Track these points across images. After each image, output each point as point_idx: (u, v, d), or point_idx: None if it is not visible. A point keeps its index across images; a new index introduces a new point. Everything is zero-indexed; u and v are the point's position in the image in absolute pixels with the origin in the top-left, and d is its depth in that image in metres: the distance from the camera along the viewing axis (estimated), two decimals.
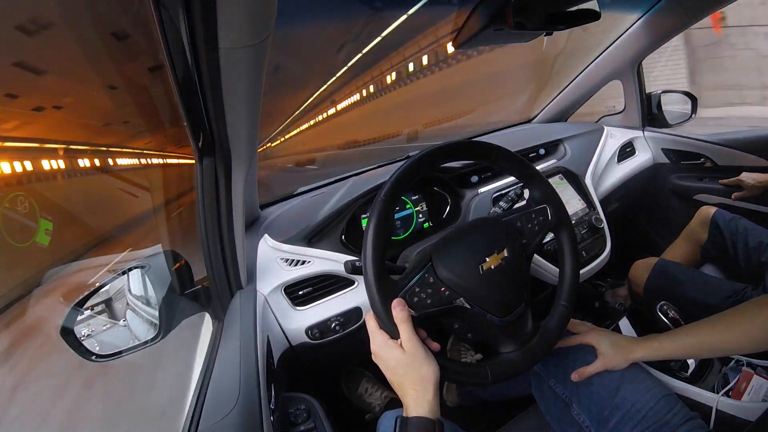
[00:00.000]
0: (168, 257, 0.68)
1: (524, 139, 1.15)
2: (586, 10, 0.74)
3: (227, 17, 0.35)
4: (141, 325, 0.65)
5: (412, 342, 0.49)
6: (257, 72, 0.44)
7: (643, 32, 1.12)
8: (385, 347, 0.50)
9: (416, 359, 0.48)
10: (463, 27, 0.80)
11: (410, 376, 0.47)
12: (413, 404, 0.46)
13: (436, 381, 0.48)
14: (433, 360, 0.50)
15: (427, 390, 0.47)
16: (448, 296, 0.55)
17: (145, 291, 0.66)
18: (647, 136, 1.33)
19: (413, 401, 0.46)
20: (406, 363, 0.48)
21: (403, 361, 0.48)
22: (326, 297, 0.81)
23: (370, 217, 0.54)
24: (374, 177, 0.90)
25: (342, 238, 0.83)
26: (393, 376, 0.49)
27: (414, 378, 0.47)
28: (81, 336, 0.56)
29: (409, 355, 0.48)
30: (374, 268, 0.51)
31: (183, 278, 0.68)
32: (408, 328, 0.49)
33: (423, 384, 0.47)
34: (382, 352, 0.50)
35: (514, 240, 0.61)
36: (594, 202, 1.03)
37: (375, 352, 0.51)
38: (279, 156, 5.34)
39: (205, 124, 0.51)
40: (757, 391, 0.72)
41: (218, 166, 0.59)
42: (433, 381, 0.48)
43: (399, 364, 0.48)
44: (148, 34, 0.39)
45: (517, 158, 0.62)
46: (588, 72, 1.31)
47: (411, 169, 0.56)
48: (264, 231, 0.83)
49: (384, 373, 0.50)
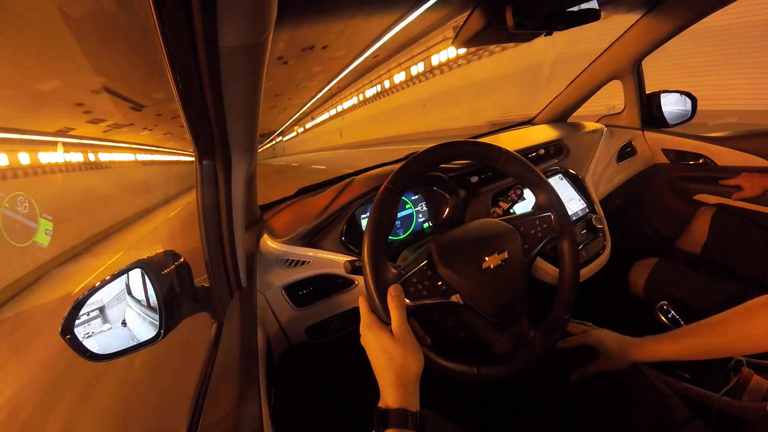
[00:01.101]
0: (168, 257, 0.68)
1: (524, 139, 1.15)
2: (586, 10, 0.74)
3: (227, 17, 0.35)
4: (141, 325, 0.65)
5: (401, 328, 0.48)
6: (257, 72, 0.44)
7: (643, 32, 1.12)
8: (374, 329, 0.50)
9: (403, 346, 0.48)
10: (463, 27, 0.80)
11: (394, 361, 0.47)
12: (392, 393, 0.45)
13: (418, 372, 0.48)
14: (419, 351, 0.49)
15: (408, 380, 0.47)
16: (445, 291, 0.55)
17: (145, 291, 0.65)
18: (647, 136, 1.33)
19: (393, 389, 0.45)
20: (392, 348, 0.47)
21: (390, 345, 0.48)
22: (326, 297, 0.80)
23: (375, 203, 0.54)
24: (374, 177, 0.90)
25: (342, 238, 0.83)
26: (376, 360, 0.48)
27: (397, 364, 0.47)
28: (81, 336, 0.56)
29: (396, 341, 0.48)
30: (373, 252, 0.52)
31: (183, 278, 0.68)
32: (400, 314, 0.49)
33: (405, 372, 0.47)
34: (370, 334, 0.50)
35: (516, 243, 0.61)
36: (594, 202, 1.03)
37: (363, 334, 0.51)
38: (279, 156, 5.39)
39: (205, 124, 0.51)
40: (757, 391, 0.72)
41: (218, 166, 0.59)
42: (415, 371, 0.48)
43: (386, 347, 0.48)
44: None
45: (525, 163, 0.62)
46: (588, 72, 1.31)
47: (419, 162, 0.57)
48: (264, 231, 0.83)
49: (368, 356, 0.50)
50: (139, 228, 9.46)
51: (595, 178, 1.12)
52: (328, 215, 0.82)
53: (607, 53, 1.24)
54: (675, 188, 1.33)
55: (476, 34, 0.78)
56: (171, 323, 0.63)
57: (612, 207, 1.24)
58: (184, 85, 0.45)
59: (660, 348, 0.63)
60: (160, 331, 0.61)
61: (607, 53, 1.23)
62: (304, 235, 0.80)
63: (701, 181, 1.25)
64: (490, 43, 0.87)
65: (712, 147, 1.20)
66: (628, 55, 1.20)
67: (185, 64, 0.41)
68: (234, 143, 0.57)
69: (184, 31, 0.37)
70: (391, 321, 0.49)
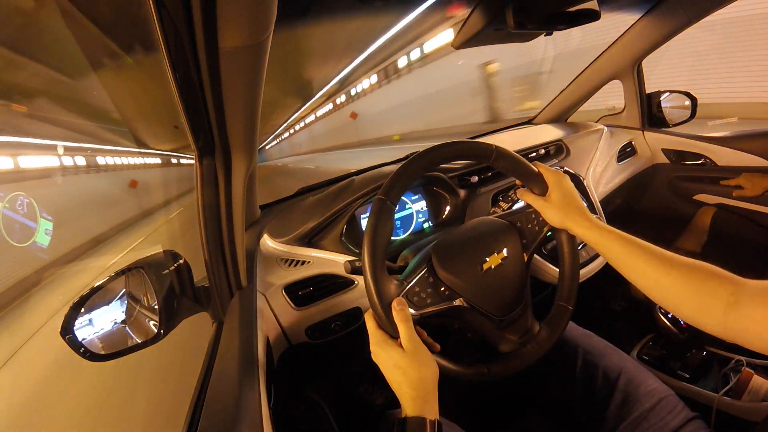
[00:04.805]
0: (168, 257, 0.68)
1: (524, 140, 1.15)
2: (586, 10, 0.74)
3: (227, 17, 0.35)
4: (141, 325, 0.65)
5: (411, 341, 0.48)
6: (257, 72, 0.44)
7: (643, 32, 1.12)
8: (384, 346, 0.49)
9: (415, 359, 0.47)
10: (463, 27, 0.80)
11: (409, 375, 0.47)
12: (411, 404, 0.45)
13: (435, 381, 0.48)
14: (432, 360, 0.49)
15: (426, 390, 0.47)
16: (448, 296, 0.55)
17: (145, 291, 0.65)
18: (647, 136, 1.33)
19: (411, 401, 0.45)
20: (405, 362, 0.47)
21: (402, 360, 0.47)
22: (326, 297, 0.80)
23: (369, 216, 0.53)
24: (374, 177, 0.90)
25: (342, 238, 0.83)
26: (392, 376, 0.48)
27: (413, 378, 0.47)
28: (81, 336, 0.56)
29: (408, 355, 0.48)
30: (374, 267, 0.51)
31: (183, 278, 0.68)
32: (407, 327, 0.49)
33: (422, 384, 0.46)
34: (381, 352, 0.49)
35: (514, 240, 0.61)
36: (594, 202, 1.03)
37: (374, 352, 0.51)
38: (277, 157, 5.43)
39: (205, 124, 0.51)
40: (757, 391, 0.72)
41: (218, 166, 0.59)
42: (432, 381, 0.48)
43: (398, 363, 0.48)
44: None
45: (516, 158, 0.62)
46: (588, 72, 1.31)
47: (411, 168, 0.56)
48: (264, 231, 0.83)
49: (383, 372, 0.50)
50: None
51: (595, 178, 1.12)
52: (329, 215, 0.82)
53: (607, 53, 1.24)
54: (675, 188, 1.33)
55: (476, 34, 0.78)
56: (171, 323, 0.63)
57: (612, 207, 1.24)
58: (184, 85, 0.45)
59: (596, 239, 0.55)
60: (160, 331, 0.61)
61: (607, 53, 1.23)
62: (304, 235, 0.80)
63: (701, 181, 1.25)
64: (490, 43, 0.87)
65: (712, 147, 1.20)
66: (628, 55, 1.20)
67: (185, 64, 0.41)
68: (234, 143, 0.57)
69: (184, 31, 0.37)
70: (400, 335, 0.49)
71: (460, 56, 8.41)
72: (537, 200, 0.61)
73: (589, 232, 0.56)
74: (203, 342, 0.69)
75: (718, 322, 0.43)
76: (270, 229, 0.83)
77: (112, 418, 1.96)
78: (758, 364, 0.77)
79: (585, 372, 0.67)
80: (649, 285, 0.50)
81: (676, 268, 0.48)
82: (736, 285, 0.43)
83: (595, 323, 0.78)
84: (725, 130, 1.22)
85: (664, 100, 1.28)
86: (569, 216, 0.58)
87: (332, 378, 1.17)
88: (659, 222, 1.42)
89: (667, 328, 0.93)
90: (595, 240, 0.56)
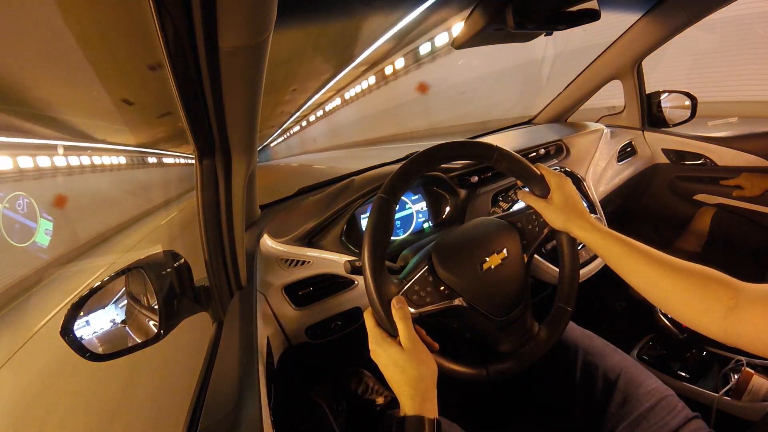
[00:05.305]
0: (168, 257, 0.68)
1: (524, 140, 1.15)
2: (586, 10, 0.74)
3: (227, 17, 0.35)
4: (141, 324, 0.65)
5: (410, 340, 0.48)
6: (257, 72, 0.44)
7: (643, 32, 1.12)
8: (383, 344, 0.49)
9: (414, 357, 0.47)
10: (463, 27, 0.80)
11: (408, 374, 0.47)
12: (410, 403, 0.45)
13: (433, 380, 0.48)
14: (431, 359, 0.49)
15: (425, 389, 0.46)
16: (448, 295, 0.55)
17: (145, 291, 0.65)
18: (647, 136, 1.33)
19: (410, 400, 0.45)
20: (404, 361, 0.47)
21: (401, 359, 0.47)
22: (326, 297, 0.80)
23: (370, 214, 0.53)
24: (374, 177, 0.90)
25: (342, 238, 0.83)
26: (391, 374, 0.48)
27: (412, 376, 0.47)
28: (81, 336, 0.56)
29: (407, 353, 0.48)
30: (373, 265, 0.51)
31: (183, 278, 0.68)
32: (407, 325, 0.49)
33: (421, 382, 0.46)
34: (380, 350, 0.49)
35: (515, 240, 0.61)
36: (594, 202, 1.03)
37: (373, 350, 0.51)
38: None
39: (205, 124, 0.51)
40: (757, 391, 0.72)
41: (218, 166, 0.59)
42: (430, 380, 0.48)
43: (397, 362, 0.48)
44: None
45: (517, 159, 0.62)
46: (588, 72, 1.31)
47: (412, 167, 0.56)
48: (264, 231, 0.83)
49: (382, 371, 0.50)
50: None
51: (595, 178, 1.12)
52: (329, 215, 0.82)
53: (607, 53, 1.24)
54: (675, 188, 1.33)
55: (476, 34, 0.78)
56: (171, 323, 0.63)
57: (612, 207, 1.24)
58: (184, 85, 0.45)
59: (598, 243, 0.55)
60: (160, 331, 0.61)
61: (607, 53, 1.23)
62: (304, 235, 0.80)
63: (701, 181, 1.25)
64: (490, 43, 0.87)
65: (712, 147, 1.20)
66: (628, 55, 1.20)
67: (185, 64, 0.41)
68: (234, 143, 0.57)
69: (184, 31, 0.37)
70: (399, 333, 0.49)
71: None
72: (538, 202, 0.61)
73: (589, 234, 0.56)
74: (203, 342, 0.70)
75: (718, 326, 0.43)
76: (270, 229, 0.83)
77: (112, 418, 1.96)
78: (758, 364, 0.77)
79: (585, 372, 0.67)
80: (648, 288, 0.50)
81: (676, 272, 0.47)
82: (736, 289, 0.43)
83: (595, 323, 0.78)
84: (725, 130, 1.22)
85: (664, 100, 1.28)
86: (570, 218, 0.58)
87: (332, 378, 1.17)
88: (659, 222, 1.42)
89: (667, 328, 0.93)
90: (595, 243, 0.56)
